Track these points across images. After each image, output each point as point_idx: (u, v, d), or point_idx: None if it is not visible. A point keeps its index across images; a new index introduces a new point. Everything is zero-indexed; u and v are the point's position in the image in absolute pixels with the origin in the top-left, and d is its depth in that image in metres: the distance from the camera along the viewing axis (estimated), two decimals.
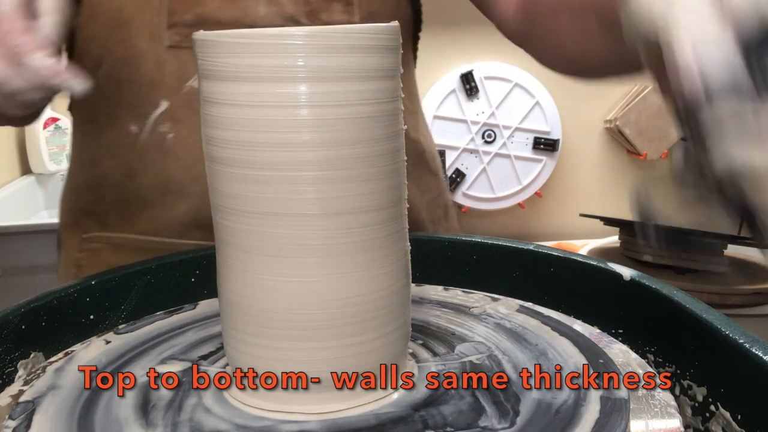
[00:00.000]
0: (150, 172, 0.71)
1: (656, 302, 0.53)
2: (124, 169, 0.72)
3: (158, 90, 0.70)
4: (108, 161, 0.73)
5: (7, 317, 0.53)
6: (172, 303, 0.59)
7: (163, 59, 0.70)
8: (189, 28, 0.69)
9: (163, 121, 0.70)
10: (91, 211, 0.75)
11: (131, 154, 0.71)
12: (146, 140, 0.71)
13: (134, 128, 0.71)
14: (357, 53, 0.38)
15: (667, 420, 0.40)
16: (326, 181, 0.39)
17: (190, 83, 0.70)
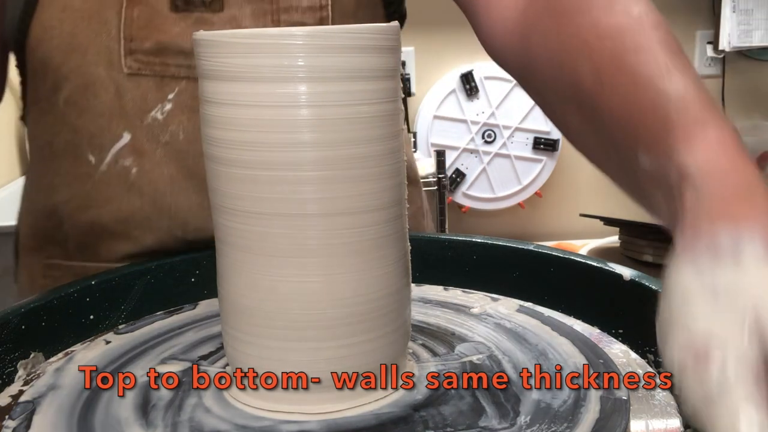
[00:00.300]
0: (111, 205, 0.67)
1: (656, 302, 0.53)
2: (82, 200, 0.68)
3: (118, 121, 0.65)
4: (65, 190, 0.69)
5: (7, 317, 0.53)
6: (172, 303, 0.59)
7: (122, 87, 0.65)
8: (149, 56, 0.65)
9: (125, 155, 0.66)
10: (52, 237, 0.72)
11: (89, 185, 0.67)
12: (105, 173, 0.66)
13: (92, 158, 0.66)
14: (357, 53, 0.38)
15: (667, 420, 0.40)
16: (326, 181, 0.39)
17: (153, 114, 0.66)
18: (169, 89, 0.66)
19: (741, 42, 1.92)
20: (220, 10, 0.66)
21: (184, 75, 0.65)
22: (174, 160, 0.66)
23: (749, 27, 1.92)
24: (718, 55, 2.01)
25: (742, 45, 1.93)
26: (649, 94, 0.46)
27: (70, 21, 0.65)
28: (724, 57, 2.03)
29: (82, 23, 0.65)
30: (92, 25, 0.65)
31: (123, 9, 0.65)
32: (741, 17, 1.91)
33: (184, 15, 0.66)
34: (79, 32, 0.65)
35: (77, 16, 0.65)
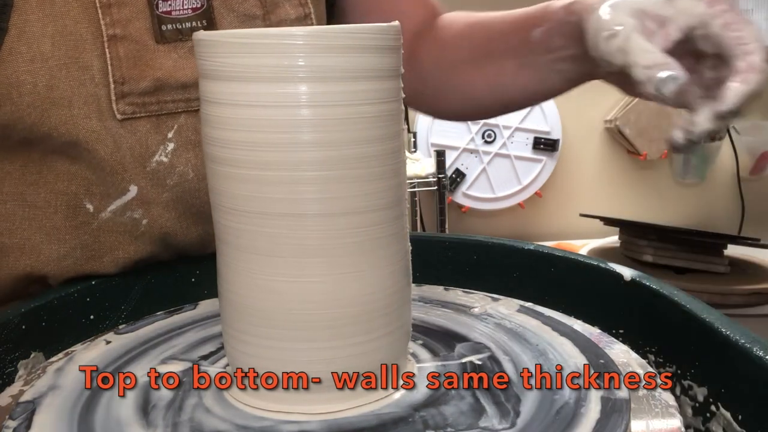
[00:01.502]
0: (114, 253, 0.61)
1: (656, 302, 0.53)
2: (78, 254, 0.61)
3: (122, 174, 0.59)
4: (53, 246, 0.61)
5: (8, 317, 0.53)
6: (172, 303, 0.59)
7: (118, 136, 0.59)
8: (144, 97, 0.59)
9: (133, 207, 0.61)
10: (20, 295, 0.64)
11: (86, 235, 0.61)
12: (109, 221, 0.61)
13: (90, 207, 0.60)
14: (357, 53, 0.38)
15: (667, 420, 0.40)
16: (326, 181, 0.39)
17: (157, 158, 0.60)
18: (167, 128, 0.60)
19: None
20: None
21: (182, 109, 0.61)
22: (182, 201, 0.62)
23: None
24: None
25: None
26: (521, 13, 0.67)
27: (44, 72, 0.57)
28: None
29: (59, 73, 0.57)
30: (72, 72, 0.57)
31: (105, 49, 0.58)
32: None
33: (175, 45, 0.60)
34: (58, 84, 0.57)
35: (51, 65, 0.57)
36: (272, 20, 0.65)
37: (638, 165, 2.11)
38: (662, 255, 1.57)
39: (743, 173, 2.11)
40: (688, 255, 1.56)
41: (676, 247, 1.56)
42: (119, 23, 0.59)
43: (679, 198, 2.15)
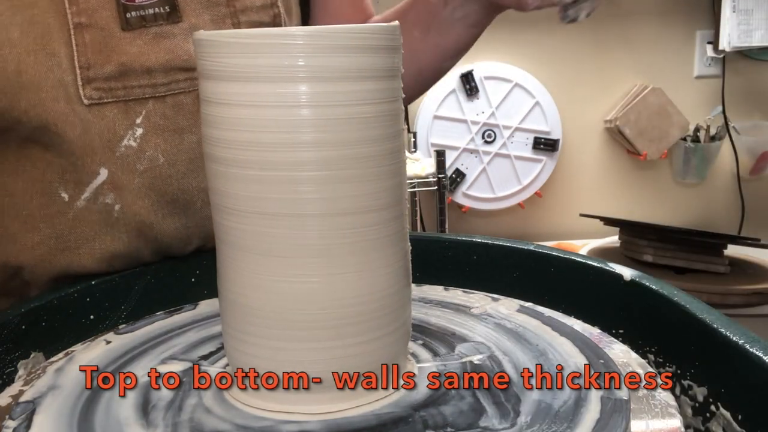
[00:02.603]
0: (91, 244, 0.62)
1: (656, 302, 0.53)
2: (52, 243, 0.62)
3: (91, 157, 0.61)
4: (28, 235, 0.62)
5: (7, 317, 0.53)
6: (172, 303, 0.59)
7: (86, 121, 0.60)
8: (110, 81, 0.60)
9: (105, 192, 0.61)
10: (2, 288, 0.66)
11: (61, 225, 0.62)
12: (84, 209, 0.62)
13: (65, 195, 0.61)
14: (357, 53, 0.38)
15: (667, 420, 0.40)
16: (326, 182, 0.39)
17: (125, 143, 0.61)
18: (135, 113, 0.62)
19: (741, 42, 1.92)
20: (179, 20, 0.63)
21: (150, 95, 0.62)
22: (154, 188, 0.62)
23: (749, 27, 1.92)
24: (718, 55, 2.01)
25: (742, 45, 1.93)
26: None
27: (13, 58, 0.59)
28: (724, 57, 2.03)
29: (27, 59, 0.59)
30: (39, 58, 0.59)
31: (71, 36, 0.60)
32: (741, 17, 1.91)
33: (140, 32, 0.62)
34: (26, 69, 0.59)
35: (19, 51, 0.59)
36: (237, 6, 0.66)
37: (638, 165, 2.11)
38: (662, 255, 1.57)
39: (743, 173, 2.11)
40: (688, 255, 1.56)
41: (676, 247, 1.56)
42: (85, 12, 0.60)
43: (679, 198, 2.15)
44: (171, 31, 0.63)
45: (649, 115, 1.98)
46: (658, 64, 2.05)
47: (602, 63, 2.05)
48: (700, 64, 2.07)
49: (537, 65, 2.02)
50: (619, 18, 2.03)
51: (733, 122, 2.06)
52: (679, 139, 2.04)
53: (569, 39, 2.04)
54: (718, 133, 2.06)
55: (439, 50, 0.72)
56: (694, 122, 2.05)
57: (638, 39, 2.05)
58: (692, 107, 2.05)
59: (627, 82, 2.07)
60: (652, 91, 1.99)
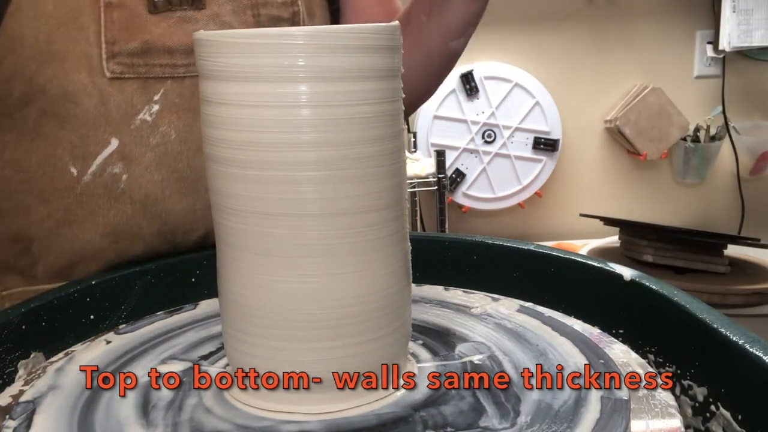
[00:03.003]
0: (94, 219, 0.65)
1: (656, 302, 0.53)
2: (60, 216, 0.65)
3: (104, 128, 0.63)
4: (39, 208, 0.65)
5: (8, 317, 0.53)
6: (172, 303, 0.59)
7: (106, 93, 0.63)
8: (133, 58, 0.64)
9: (113, 161, 0.64)
10: (11, 265, 0.68)
11: (69, 199, 0.64)
12: (90, 183, 0.64)
13: (74, 170, 0.64)
14: (357, 53, 0.38)
15: (667, 420, 0.40)
16: (326, 182, 0.39)
17: (141, 116, 0.64)
18: (153, 91, 0.65)
19: (741, 42, 1.92)
20: (203, 7, 0.67)
21: (169, 75, 0.65)
22: (165, 164, 0.65)
23: (749, 27, 1.92)
24: (718, 55, 2.01)
25: (742, 45, 1.93)
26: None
27: (45, 28, 0.62)
28: (724, 57, 2.03)
29: (58, 30, 0.62)
30: (69, 31, 0.63)
31: (101, 13, 0.63)
32: (741, 17, 1.91)
33: (165, 15, 0.65)
34: (56, 39, 0.62)
35: (52, 23, 0.62)
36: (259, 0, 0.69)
37: (638, 165, 2.11)
38: (662, 255, 1.57)
39: (743, 173, 2.11)
40: (688, 255, 1.56)
41: (676, 247, 1.56)
42: None
43: (679, 198, 2.15)
44: (194, 17, 0.66)
45: (649, 115, 1.98)
46: (658, 64, 2.05)
47: (602, 63, 2.05)
48: (700, 64, 2.07)
49: (537, 65, 2.02)
50: (619, 18, 2.03)
51: (733, 122, 2.06)
52: (679, 139, 2.04)
53: (569, 39, 2.04)
54: (718, 133, 2.06)
55: (441, 30, 0.73)
56: (694, 122, 2.05)
57: (638, 39, 2.05)
58: (692, 107, 2.05)
59: (627, 82, 2.07)
60: (652, 91, 1.98)
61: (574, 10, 2.02)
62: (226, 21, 0.68)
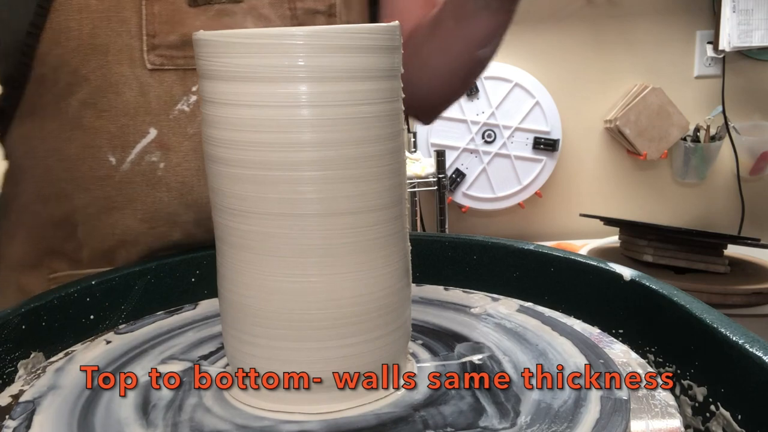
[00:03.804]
0: (133, 205, 0.67)
1: (656, 302, 0.53)
2: (101, 203, 0.67)
3: (143, 117, 0.66)
4: (81, 195, 0.68)
5: (8, 317, 0.53)
6: (172, 303, 0.59)
7: (146, 84, 0.66)
8: (172, 50, 0.66)
9: (151, 150, 0.66)
10: (58, 249, 0.71)
11: (109, 186, 0.67)
12: (128, 171, 0.67)
13: (113, 159, 0.67)
14: (357, 53, 0.38)
15: (667, 420, 0.40)
16: (326, 181, 0.39)
17: (179, 107, 0.67)
18: (192, 82, 0.67)
19: (741, 42, 1.92)
20: (240, 0, 0.68)
21: None
22: (201, 153, 0.66)
23: (749, 27, 1.92)
24: (718, 55, 2.01)
25: (742, 45, 1.93)
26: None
27: (89, 22, 0.65)
28: (724, 57, 2.03)
29: (101, 23, 0.65)
30: (112, 24, 0.65)
31: (143, 7, 0.66)
32: (741, 17, 1.91)
33: (204, 8, 0.67)
34: (99, 32, 0.65)
35: (95, 16, 0.65)
36: None
37: (638, 165, 2.11)
38: (662, 255, 1.57)
39: (743, 173, 2.11)
40: (688, 255, 1.56)
41: (676, 247, 1.56)
42: None
43: (679, 198, 2.15)
44: (232, 10, 0.68)
45: (649, 115, 1.98)
46: (658, 64, 2.05)
47: (602, 63, 2.05)
48: (700, 64, 2.07)
49: (537, 65, 2.02)
50: (619, 18, 2.03)
51: (733, 122, 2.06)
52: (679, 139, 2.04)
53: (569, 39, 2.04)
54: (718, 133, 2.06)
55: (467, 39, 0.73)
56: (694, 122, 2.05)
57: (638, 39, 2.05)
58: (692, 107, 2.05)
59: (627, 82, 2.07)
60: (652, 91, 1.98)
61: (574, 10, 2.02)
62: (263, 14, 0.69)
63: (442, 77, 0.77)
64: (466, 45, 0.74)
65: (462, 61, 0.76)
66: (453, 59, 0.76)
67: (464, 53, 0.75)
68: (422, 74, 0.77)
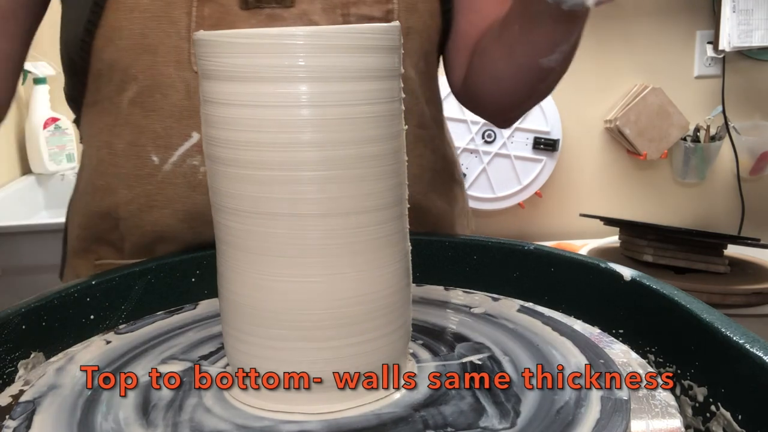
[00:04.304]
0: (175, 205, 0.68)
1: (656, 302, 0.53)
2: (144, 201, 0.69)
3: (188, 121, 0.67)
4: (125, 191, 0.70)
5: (8, 317, 0.53)
6: (172, 303, 0.59)
7: (192, 87, 0.66)
8: None
9: (193, 153, 0.67)
10: (104, 238, 0.73)
11: (151, 185, 0.68)
12: (170, 172, 0.68)
13: (156, 159, 0.68)
14: (357, 53, 0.38)
15: (667, 420, 0.40)
16: (327, 181, 0.39)
17: None
18: None
19: (741, 42, 1.92)
20: (292, 5, 0.67)
21: None
22: None
23: (749, 27, 1.92)
24: (718, 55, 2.01)
25: (742, 45, 1.93)
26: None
27: (140, 22, 0.65)
28: (724, 57, 2.03)
29: (151, 23, 0.65)
30: (162, 25, 0.65)
31: (193, 8, 0.65)
32: (741, 17, 1.91)
33: (255, 12, 0.66)
34: (149, 32, 0.65)
35: (146, 16, 0.65)
36: None
37: (638, 165, 2.11)
38: (662, 255, 1.57)
39: (743, 173, 2.11)
40: (688, 255, 1.56)
41: (676, 247, 1.56)
42: None
43: (679, 198, 2.15)
44: (282, 15, 0.67)
45: (649, 115, 1.98)
46: (658, 64, 2.05)
47: (602, 63, 2.05)
48: (700, 64, 2.07)
49: None
50: (619, 18, 2.03)
51: (733, 122, 2.06)
52: (679, 139, 2.04)
53: None
54: (718, 133, 2.06)
55: (531, 46, 0.70)
56: (694, 122, 2.05)
57: (638, 39, 2.05)
58: (692, 107, 2.05)
59: (627, 82, 2.07)
60: (652, 91, 1.98)
61: None
62: (314, 20, 0.68)
63: (507, 82, 0.75)
64: (530, 52, 0.71)
65: (525, 69, 0.73)
66: (516, 65, 0.73)
67: (527, 60, 0.72)
68: (488, 77, 0.76)
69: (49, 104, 1.84)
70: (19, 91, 0.74)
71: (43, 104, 1.83)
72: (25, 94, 1.84)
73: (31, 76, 1.79)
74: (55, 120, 1.84)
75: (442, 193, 0.80)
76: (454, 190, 0.83)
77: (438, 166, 0.79)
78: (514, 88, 0.77)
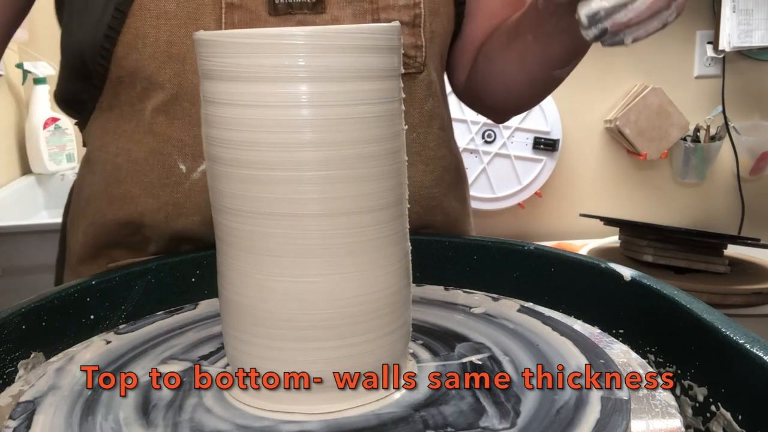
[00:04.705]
0: (204, 213, 0.67)
1: (656, 302, 0.53)
2: (170, 209, 0.68)
3: None
4: (149, 200, 0.68)
5: (8, 317, 0.53)
6: (172, 303, 0.59)
7: None
8: None
9: None
10: (122, 243, 0.71)
11: (178, 194, 0.67)
12: (198, 181, 0.67)
13: (183, 167, 0.67)
14: (358, 53, 0.38)
15: (667, 420, 0.40)
16: (327, 181, 0.39)
17: None
18: None
19: (741, 42, 1.92)
20: (323, 11, 0.66)
21: None
22: None
23: (749, 27, 1.92)
24: (718, 55, 2.01)
25: (742, 45, 1.93)
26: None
27: (166, 29, 0.64)
28: (724, 57, 2.03)
29: (179, 31, 0.64)
30: (189, 32, 0.64)
31: (222, 15, 0.64)
32: (741, 17, 1.91)
33: (285, 18, 0.65)
34: (177, 40, 0.64)
35: (173, 23, 0.64)
36: (379, 3, 0.68)
37: (638, 165, 2.11)
38: (662, 255, 1.57)
39: (743, 173, 2.11)
40: (688, 255, 1.56)
41: (676, 247, 1.56)
42: None
43: (679, 198, 2.15)
44: (313, 21, 0.66)
45: (649, 115, 1.98)
46: (658, 64, 2.05)
47: (602, 63, 2.05)
48: (700, 64, 2.07)
49: None
50: None
51: (733, 122, 2.06)
52: (679, 139, 2.04)
53: None
54: (718, 133, 2.06)
55: (545, 59, 0.70)
56: (694, 122, 2.05)
57: None
58: (692, 107, 2.05)
59: (627, 82, 2.07)
60: (652, 91, 1.98)
61: None
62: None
63: (517, 88, 0.75)
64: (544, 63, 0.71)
65: (539, 81, 0.73)
66: (529, 74, 0.73)
67: (541, 71, 0.72)
68: (498, 84, 0.75)
69: (49, 104, 1.84)
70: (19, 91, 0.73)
71: (43, 104, 1.83)
72: (25, 94, 1.84)
73: (31, 76, 1.79)
74: (55, 120, 1.84)
75: (456, 193, 0.80)
76: (463, 188, 0.83)
77: (452, 166, 0.79)
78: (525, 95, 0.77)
